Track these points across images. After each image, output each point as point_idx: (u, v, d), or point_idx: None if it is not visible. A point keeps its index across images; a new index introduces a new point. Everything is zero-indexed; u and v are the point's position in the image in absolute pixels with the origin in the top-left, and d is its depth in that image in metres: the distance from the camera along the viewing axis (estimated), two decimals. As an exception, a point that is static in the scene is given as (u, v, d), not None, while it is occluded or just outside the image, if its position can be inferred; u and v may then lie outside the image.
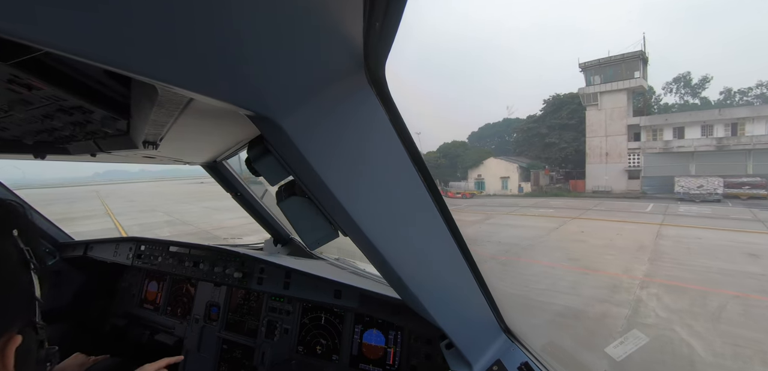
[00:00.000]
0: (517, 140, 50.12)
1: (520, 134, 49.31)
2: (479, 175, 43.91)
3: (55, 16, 0.29)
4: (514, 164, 41.67)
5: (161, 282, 2.33)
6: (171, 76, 0.40)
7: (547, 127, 43.88)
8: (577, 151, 40.14)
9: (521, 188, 40.10)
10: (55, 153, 1.27)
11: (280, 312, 1.91)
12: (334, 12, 0.47)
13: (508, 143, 61.67)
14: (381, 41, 0.55)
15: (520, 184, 40.42)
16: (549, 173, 41.69)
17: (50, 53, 0.54)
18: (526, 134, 47.25)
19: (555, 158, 41.99)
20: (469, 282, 1.08)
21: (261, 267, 1.94)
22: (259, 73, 0.46)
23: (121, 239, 2.42)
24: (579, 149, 39.82)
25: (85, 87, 0.71)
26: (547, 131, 43.36)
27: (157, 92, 0.58)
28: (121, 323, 2.32)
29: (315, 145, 0.58)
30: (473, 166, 44.46)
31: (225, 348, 2.00)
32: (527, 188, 40.02)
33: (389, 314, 1.63)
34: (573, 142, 40.75)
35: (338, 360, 1.73)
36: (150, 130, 0.83)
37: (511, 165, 41.77)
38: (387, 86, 0.64)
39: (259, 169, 0.70)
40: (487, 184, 42.66)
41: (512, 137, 61.45)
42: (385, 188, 0.74)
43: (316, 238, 0.83)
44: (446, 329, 1.07)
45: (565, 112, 42.29)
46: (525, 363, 1.17)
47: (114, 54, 0.34)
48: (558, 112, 43.33)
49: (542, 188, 40.16)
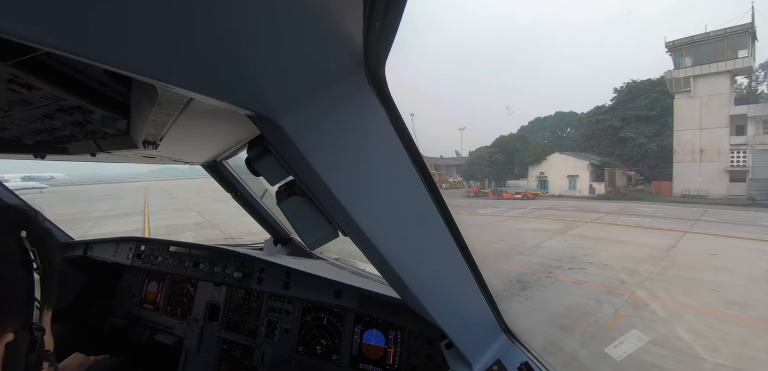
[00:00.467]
0: (586, 135, 43.76)
1: (587, 127, 43.69)
2: (542, 173, 38.61)
3: (56, 16, 0.29)
4: (583, 161, 35.97)
5: (161, 281, 2.33)
6: (171, 76, 0.40)
7: (620, 119, 37.70)
8: (660, 147, 34.24)
9: (593, 188, 34.67)
10: (55, 153, 1.27)
11: (280, 311, 1.91)
12: (334, 12, 0.47)
13: (563, 139, 56.63)
14: (381, 41, 0.55)
15: (591, 184, 35.01)
16: (626, 173, 35.66)
17: (50, 53, 0.54)
18: (594, 128, 41.56)
19: (631, 156, 36.04)
20: (469, 281, 1.08)
21: (261, 267, 1.94)
22: (259, 73, 0.46)
23: (121, 239, 2.42)
24: (663, 144, 33.87)
25: (85, 87, 0.71)
26: (621, 124, 37.39)
27: (157, 92, 0.58)
28: (121, 323, 2.32)
29: (315, 145, 0.58)
30: (534, 162, 39.29)
31: (225, 348, 2.00)
32: (600, 189, 34.28)
33: (389, 314, 1.63)
34: (654, 136, 34.74)
35: (338, 360, 1.73)
36: (150, 130, 0.83)
37: (581, 162, 36.06)
38: (387, 86, 0.64)
39: (259, 169, 0.70)
40: (551, 183, 37.52)
41: (566, 132, 57.68)
42: (385, 187, 0.74)
43: (316, 238, 0.83)
44: (446, 329, 1.07)
45: (644, 101, 36.00)
46: (525, 363, 1.17)
47: (114, 54, 0.34)
48: (634, 101, 37.08)
49: (619, 189, 34.07)
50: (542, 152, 39.84)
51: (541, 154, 39.45)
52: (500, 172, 41.89)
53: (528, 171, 39.58)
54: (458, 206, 27.72)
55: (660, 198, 30.66)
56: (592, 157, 37.46)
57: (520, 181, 38.69)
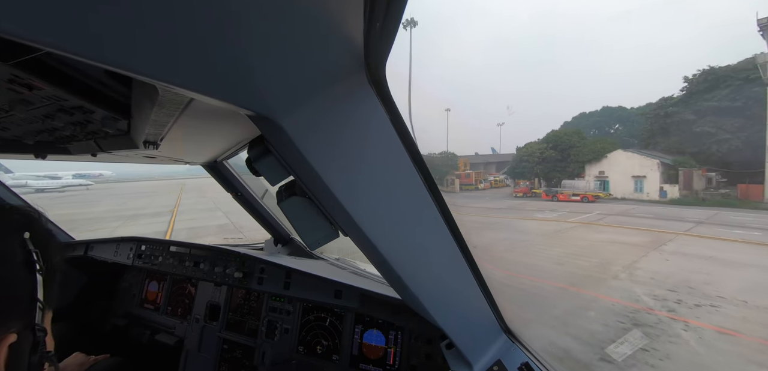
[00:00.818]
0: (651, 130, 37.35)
1: (652, 121, 37.35)
2: (601, 172, 33.53)
3: (56, 16, 0.29)
4: (652, 159, 30.88)
5: (162, 281, 2.33)
6: (172, 77, 0.40)
7: (693, 112, 31.75)
8: (747, 144, 27.88)
9: (664, 191, 29.34)
10: (55, 153, 1.27)
11: (281, 311, 1.91)
12: (335, 12, 0.47)
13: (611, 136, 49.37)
14: (381, 41, 0.55)
15: (661, 186, 29.79)
16: (706, 174, 29.65)
17: (51, 53, 0.54)
18: (661, 122, 35.16)
19: (710, 154, 29.86)
20: (470, 281, 1.08)
21: (261, 267, 1.94)
22: (260, 73, 0.46)
23: (121, 239, 2.42)
24: (752, 140, 27.53)
25: (85, 87, 0.71)
26: (695, 117, 31.40)
27: (157, 92, 0.58)
28: (122, 323, 2.32)
29: (315, 145, 0.58)
30: (592, 160, 34.20)
31: (225, 348, 2.00)
32: (672, 192, 28.87)
33: (389, 314, 1.63)
34: (738, 132, 28.58)
35: (338, 360, 1.73)
36: (151, 130, 0.83)
37: (649, 161, 30.86)
38: (387, 86, 0.64)
39: (260, 169, 0.70)
40: (613, 184, 32.54)
41: (614, 129, 52.67)
42: (386, 187, 0.74)
43: (316, 238, 0.83)
44: (446, 329, 1.07)
45: (725, 91, 30.12)
46: (525, 363, 1.17)
47: (115, 54, 0.34)
48: (713, 91, 31.10)
49: (696, 193, 28.34)
50: (602, 148, 34.46)
51: (600, 151, 34.21)
52: (553, 170, 36.33)
53: (584, 170, 34.65)
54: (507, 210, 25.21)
55: (750, 204, 25.23)
56: (661, 155, 31.87)
57: (577, 181, 33.41)
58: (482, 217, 21.96)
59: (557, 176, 35.80)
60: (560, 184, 34.25)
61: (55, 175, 43.25)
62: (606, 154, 33.88)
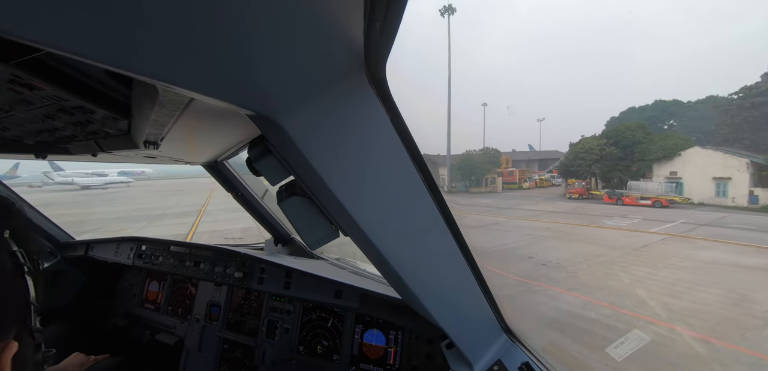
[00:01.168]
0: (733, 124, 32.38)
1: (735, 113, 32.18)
2: (673, 172, 29.11)
3: (57, 16, 0.29)
4: (740, 159, 26.18)
5: (162, 281, 2.33)
6: (172, 77, 0.40)
7: None
8: None
9: (754, 196, 24.83)
10: (56, 153, 1.27)
11: (281, 311, 1.91)
12: (335, 12, 0.47)
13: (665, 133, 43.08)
14: (382, 41, 0.55)
15: (751, 190, 25.09)
16: None
17: (51, 53, 0.54)
18: (745, 114, 30.46)
19: None
20: (470, 281, 1.08)
21: (262, 267, 1.94)
22: (260, 73, 0.46)
23: (122, 239, 2.43)
24: None
25: (86, 87, 0.71)
26: None
27: (158, 92, 0.58)
28: (122, 323, 2.32)
29: (316, 145, 0.58)
30: (662, 158, 29.64)
31: (226, 348, 2.00)
32: (765, 197, 24.53)
33: (390, 314, 1.63)
34: None
35: (339, 359, 1.73)
36: (151, 130, 0.83)
37: (736, 161, 26.11)
38: (388, 86, 0.64)
39: (260, 169, 0.70)
40: (688, 186, 28.18)
41: (668, 124, 47.00)
42: (386, 188, 0.74)
43: (316, 238, 0.83)
44: (447, 329, 1.07)
45: None
46: (526, 363, 1.16)
47: (115, 54, 0.34)
48: None
49: None
50: (674, 145, 29.57)
51: (671, 148, 29.38)
52: (613, 169, 31.44)
53: (651, 170, 30.24)
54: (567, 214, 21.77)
55: None
56: (750, 154, 27.08)
57: (644, 182, 29.01)
58: (539, 222, 18.86)
59: (618, 176, 31.08)
60: (623, 185, 29.88)
61: (102, 173, 44.75)
62: (679, 152, 29.14)
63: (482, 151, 42.24)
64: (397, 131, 0.70)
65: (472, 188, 39.39)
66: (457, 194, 38.21)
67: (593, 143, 33.78)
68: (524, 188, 40.70)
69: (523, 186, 41.16)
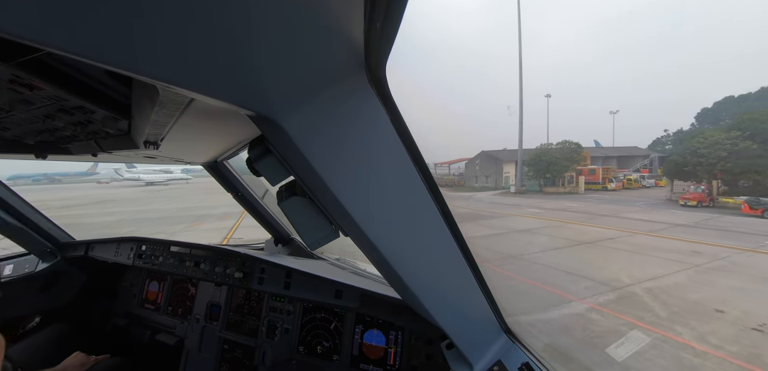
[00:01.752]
0: None
1: None
2: None
3: (57, 16, 0.29)
4: None
5: (162, 281, 2.34)
6: (172, 77, 0.40)
7: None
8: None
9: None
10: (56, 153, 1.27)
11: (281, 311, 1.91)
12: (335, 12, 0.47)
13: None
14: (382, 41, 0.55)
15: None
16: None
17: (52, 54, 0.54)
18: None
19: None
20: (470, 282, 1.08)
21: (262, 267, 1.94)
22: (260, 73, 0.46)
23: (122, 239, 2.43)
24: None
25: (86, 87, 0.71)
26: None
27: (158, 92, 0.58)
28: (122, 323, 2.32)
29: (316, 145, 0.58)
30: None
31: (226, 348, 2.00)
32: None
33: (390, 314, 1.63)
34: None
35: (339, 360, 1.73)
36: (151, 130, 0.83)
37: None
38: (388, 86, 0.64)
39: (260, 169, 0.70)
40: None
41: None
42: (386, 188, 0.74)
43: (316, 238, 0.83)
44: (447, 329, 1.07)
45: None
46: (526, 363, 1.16)
47: (115, 54, 0.34)
48: None
49: None
50: None
51: None
52: (749, 169, 23.31)
53: None
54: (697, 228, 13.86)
55: None
56: None
57: None
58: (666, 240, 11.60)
59: (753, 178, 23.34)
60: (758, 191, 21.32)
61: (168, 170, 45.74)
62: None
63: (560, 144, 34.38)
64: (397, 132, 0.70)
65: (547, 188, 33.00)
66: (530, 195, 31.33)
67: (720, 135, 25.27)
68: (610, 190, 33.05)
69: (607, 187, 33.41)
